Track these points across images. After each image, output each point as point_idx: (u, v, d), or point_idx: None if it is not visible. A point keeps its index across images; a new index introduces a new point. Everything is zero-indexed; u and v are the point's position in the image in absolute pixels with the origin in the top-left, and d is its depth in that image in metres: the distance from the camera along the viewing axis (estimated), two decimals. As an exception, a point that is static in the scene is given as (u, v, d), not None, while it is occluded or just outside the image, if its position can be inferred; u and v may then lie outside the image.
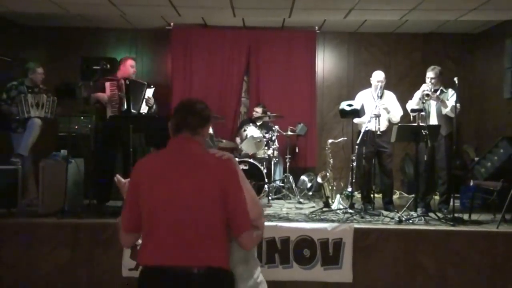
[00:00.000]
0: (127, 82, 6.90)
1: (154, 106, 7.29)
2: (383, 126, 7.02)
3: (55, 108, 7.21)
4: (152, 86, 7.28)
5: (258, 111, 8.62)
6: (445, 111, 6.83)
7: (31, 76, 7.27)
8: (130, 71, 7.17)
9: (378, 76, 7.13)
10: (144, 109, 7.09)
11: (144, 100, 7.07)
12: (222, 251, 2.54)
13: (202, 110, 2.71)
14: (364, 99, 7.16)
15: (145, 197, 2.57)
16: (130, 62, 7.23)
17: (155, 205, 2.54)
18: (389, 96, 7.24)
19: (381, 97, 7.01)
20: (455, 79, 6.37)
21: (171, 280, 2.49)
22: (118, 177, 3.05)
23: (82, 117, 7.74)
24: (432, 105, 6.97)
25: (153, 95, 7.28)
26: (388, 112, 7.04)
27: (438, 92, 6.90)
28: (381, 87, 7.04)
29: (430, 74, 6.96)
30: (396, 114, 7.12)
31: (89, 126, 7.60)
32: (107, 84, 6.94)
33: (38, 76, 7.30)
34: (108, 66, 7.35)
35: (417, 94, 6.96)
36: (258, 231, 2.68)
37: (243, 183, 2.64)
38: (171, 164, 2.60)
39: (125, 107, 6.84)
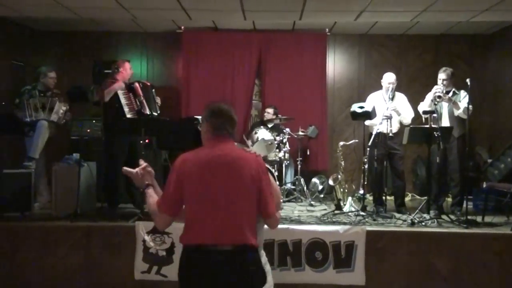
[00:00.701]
0: (141, 85, 6.94)
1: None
2: (395, 128, 6.99)
3: (65, 114, 7.25)
4: (153, 87, 7.29)
5: (269, 111, 8.61)
6: (457, 112, 6.80)
7: (43, 80, 7.32)
8: (130, 73, 7.16)
9: (389, 78, 7.10)
10: (158, 109, 7.13)
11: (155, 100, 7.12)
12: (253, 231, 3.02)
13: (234, 114, 3.20)
14: (375, 101, 7.14)
15: (191, 186, 3.01)
16: (129, 65, 7.21)
17: (200, 192, 2.99)
18: (401, 98, 7.21)
19: (392, 99, 6.98)
20: (467, 80, 6.34)
21: (212, 256, 2.91)
22: (126, 169, 3.33)
23: (94, 121, 7.76)
24: (444, 107, 6.94)
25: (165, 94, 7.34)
26: (399, 114, 7.01)
27: (450, 94, 6.87)
28: (392, 89, 7.02)
29: (441, 75, 6.93)
30: (407, 116, 7.08)
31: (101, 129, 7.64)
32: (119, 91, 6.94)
33: (49, 80, 7.35)
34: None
35: (429, 96, 6.93)
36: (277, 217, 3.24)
37: (269, 176, 3.19)
38: (213, 158, 3.05)
39: (147, 110, 6.86)
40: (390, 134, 6.81)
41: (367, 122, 7.03)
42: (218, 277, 2.92)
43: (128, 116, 6.79)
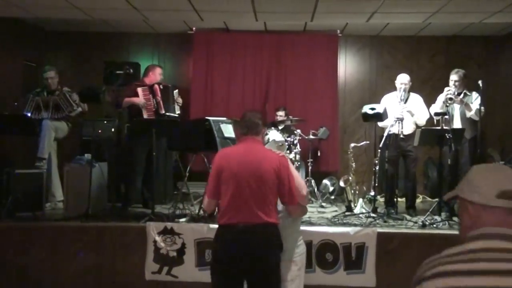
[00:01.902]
0: (161, 87, 7.06)
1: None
2: (409, 129, 6.95)
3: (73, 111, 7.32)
4: (176, 87, 7.43)
5: (281, 114, 8.60)
6: (469, 114, 6.77)
7: (44, 82, 7.39)
8: (158, 78, 7.29)
9: (401, 79, 7.08)
10: (178, 110, 7.20)
11: (175, 102, 7.20)
12: (273, 213, 3.83)
13: (256, 119, 4.04)
14: (389, 102, 7.11)
15: (225, 175, 3.82)
16: (159, 70, 7.39)
17: (232, 181, 3.79)
18: (416, 99, 7.17)
19: (406, 100, 6.96)
20: (480, 82, 6.31)
21: (240, 232, 3.73)
22: None
23: (105, 121, 7.81)
24: (456, 109, 6.92)
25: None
26: (412, 115, 6.98)
27: (462, 95, 6.85)
28: (405, 90, 7.00)
29: (453, 77, 6.91)
30: (422, 117, 7.04)
31: (112, 130, 7.68)
32: (139, 90, 7.05)
33: (48, 80, 7.38)
34: (131, 70, 7.44)
35: (441, 98, 6.91)
36: (303, 207, 4.12)
37: (293, 173, 3.95)
38: (245, 154, 3.90)
39: (163, 110, 7.02)
40: (401, 136, 6.78)
41: (380, 124, 7.01)
42: (240, 246, 3.72)
43: (145, 116, 6.89)
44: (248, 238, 3.72)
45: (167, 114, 7.10)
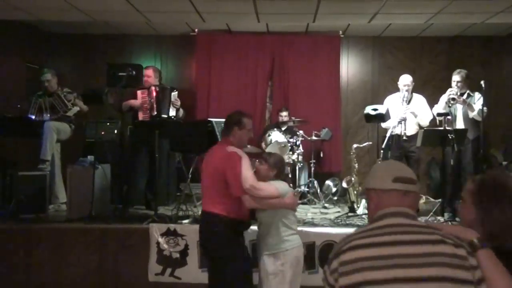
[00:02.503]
0: (157, 88, 7.03)
1: (181, 110, 7.37)
2: (412, 130, 6.96)
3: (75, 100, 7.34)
4: (175, 90, 7.35)
5: (283, 115, 8.60)
6: (472, 114, 6.76)
7: (42, 84, 7.41)
8: (151, 78, 7.27)
9: (403, 80, 7.08)
10: (172, 111, 7.17)
11: (171, 103, 7.16)
12: (219, 204, 4.32)
13: (229, 119, 4.50)
14: (392, 103, 7.12)
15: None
16: (150, 71, 7.33)
17: (201, 177, 4.57)
18: (419, 99, 7.18)
19: (409, 101, 6.97)
20: (482, 82, 6.31)
21: (203, 218, 4.53)
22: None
23: (108, 123, 7.82)
24: (459, 109, 6.91)
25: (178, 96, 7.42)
26: (416, 116, 6.98)
27: (465, 96, 6.84)
28: (408, 90, 7.00)
29: (456, 77, 6.90)
30: (425, 118, 7.05)
31: (115, 132, 7.69)
32: (139, 92, 7.10)
33: (45, 83, 7.40)
34: (134, 72, 7.43)
35: (443, 98, 6.90)
36: (259, 199, 4.34)
37: (241, 167, 4.25)
38: (209, 153, 4.58)
39: (155, 112, 6.96)
40: (404, 137, 6.78)
41: (384, 125, 7.02)
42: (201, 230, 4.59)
43: (140, 117, 6.90)
44: (200, 224, 4.60)
45: (161, 116, 7.02)
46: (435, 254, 1.98)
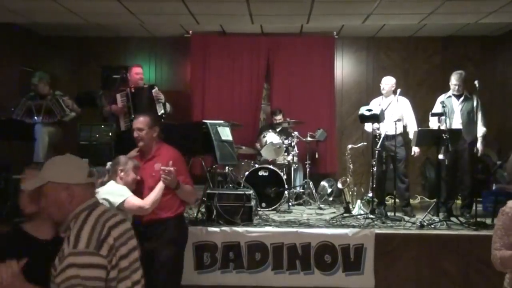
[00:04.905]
0: (132, 90, 6.99)
1: (168, 105, 7.30)
2: (392, 129, 7.00)
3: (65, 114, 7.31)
4: (154, 86, 7.27)
5: (279, 118, 8.56)
6: (480, 132, 6.79)
7: (33, 87, 7.40)
8: (136, 78, 7.24)
9: (382, 81, 7.37)
10: (160, 108, 7.10)
11: (156, 100, 7.08)
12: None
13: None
14: (375, 105, 7.20)
15: None
16: (135, 70, 7.31)
17: None
18: (404, 103, 7.25)
19: (388, 104, 7.14)
20: (476, 82, 6.32)
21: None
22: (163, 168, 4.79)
23: (103, 126, 7.80)
24: (456, 110, 6.90)
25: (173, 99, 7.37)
26: (400, 120, 7.08)
27: (463, 98, 6.87)
28: (387, 92, 7.26)
29: (454, 81, 6.90)
30: (410, 121, 7.25)
31: (110, 134, 7.68)
32: (118, 96, 7.05)
33: (35, 86, 7.40)
34: (128, 75, 7.42)
35: (440, 99, 6.97)
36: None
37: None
38: None
39: (132, 115, 6.81)
40: (383, 136, 6.88)
41: (367, 128, 7.14)
42: None
43: (122, 127, 6.97)
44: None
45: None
46: None
